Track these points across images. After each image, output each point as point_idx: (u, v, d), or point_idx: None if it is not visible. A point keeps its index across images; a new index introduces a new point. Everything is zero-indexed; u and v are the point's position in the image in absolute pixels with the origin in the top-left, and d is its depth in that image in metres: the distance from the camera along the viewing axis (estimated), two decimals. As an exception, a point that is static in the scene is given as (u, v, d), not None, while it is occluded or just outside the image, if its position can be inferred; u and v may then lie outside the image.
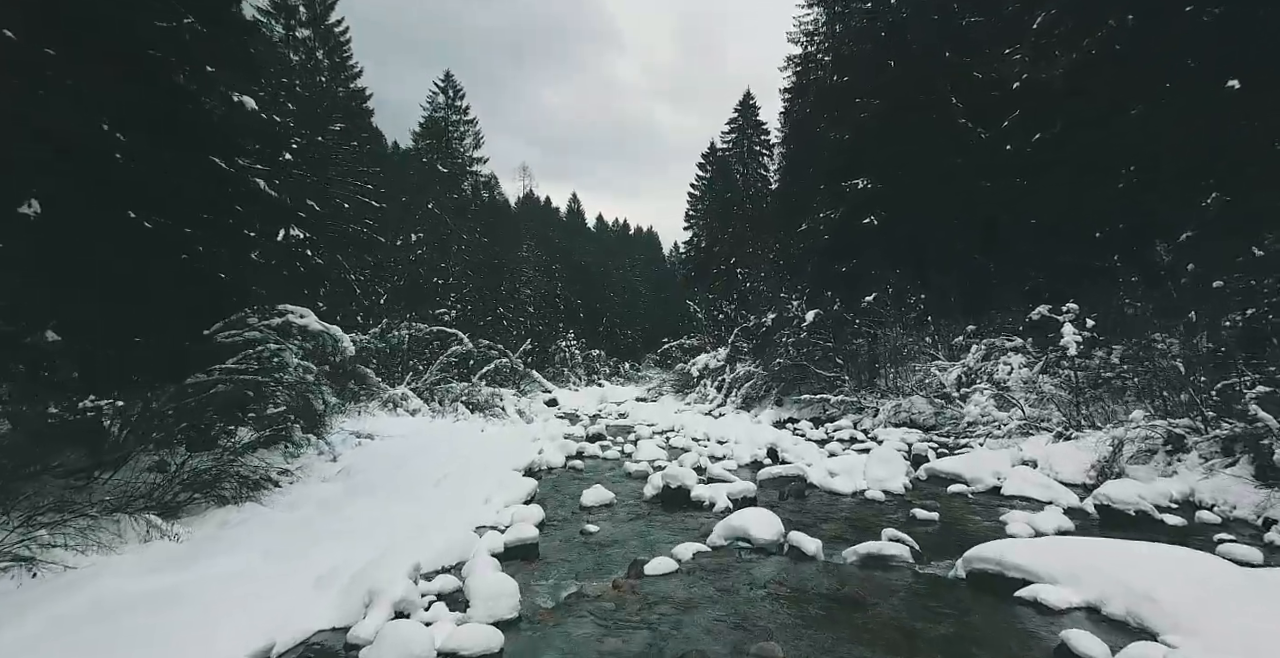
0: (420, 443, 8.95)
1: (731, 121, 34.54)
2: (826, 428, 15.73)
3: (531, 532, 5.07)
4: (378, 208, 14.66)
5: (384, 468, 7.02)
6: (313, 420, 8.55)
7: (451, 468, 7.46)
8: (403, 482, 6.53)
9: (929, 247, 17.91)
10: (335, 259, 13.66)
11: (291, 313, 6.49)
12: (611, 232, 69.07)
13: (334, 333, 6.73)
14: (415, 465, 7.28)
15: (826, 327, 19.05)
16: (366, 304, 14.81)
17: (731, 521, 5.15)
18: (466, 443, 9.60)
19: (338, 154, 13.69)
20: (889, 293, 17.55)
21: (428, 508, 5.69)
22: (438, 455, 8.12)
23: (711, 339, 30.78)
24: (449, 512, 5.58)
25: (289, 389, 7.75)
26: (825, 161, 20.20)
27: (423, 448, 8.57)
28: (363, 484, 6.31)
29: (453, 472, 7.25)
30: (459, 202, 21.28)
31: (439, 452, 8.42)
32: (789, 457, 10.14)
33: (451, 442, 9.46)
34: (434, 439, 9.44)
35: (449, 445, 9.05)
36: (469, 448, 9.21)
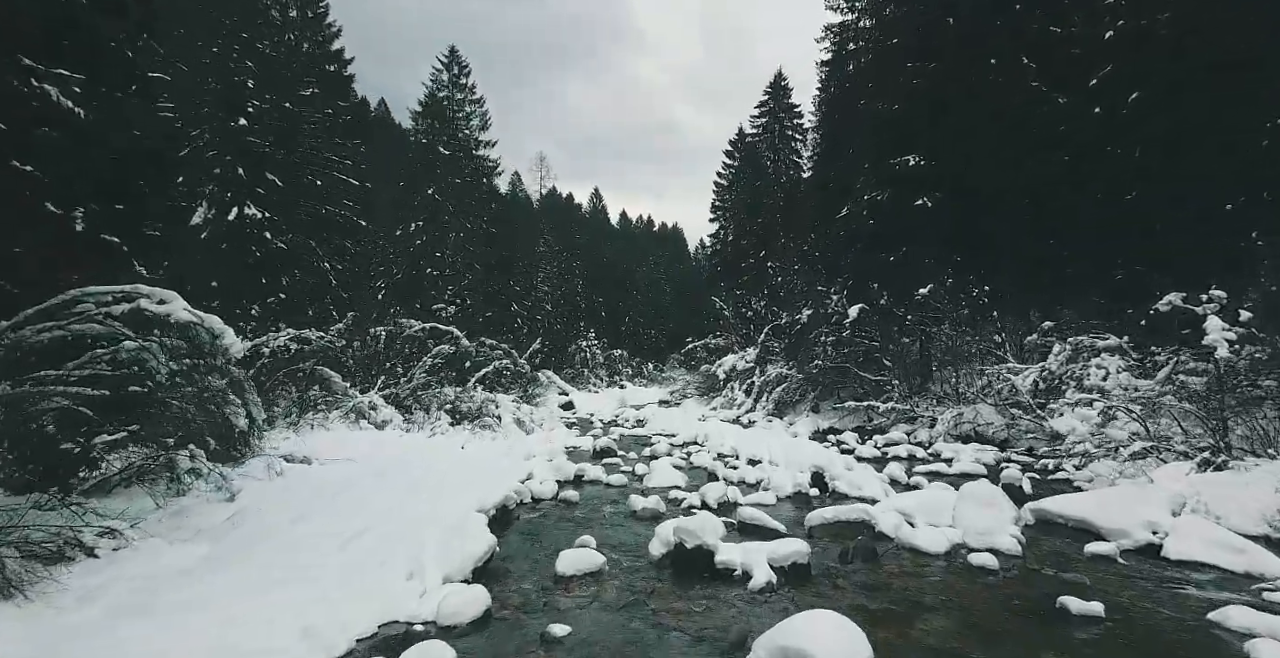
0: (371, 469, 7.01)
1: (761, 105, 32.22)
2: (875, 441, 13.46)
3: (448, 654, 3.05)
4: (357, 186, 12.88)
5: (293, 513, 5.07)
6: (230, 441, 6.68)
7: (393, 508, 5.48)
8: (304, 538, 4.57)
9: (992, 231, 15.50)
10: (308, 244, 11.86)
11: (145, 297, 4.59)
12: (635, 228, 67.15)
13: (211, 325, 4.82)
14: (339, 507, 5.32)
15: (872, 323, 16.75)
16: (347, 297, 13.03)
17: (784, 639, 3.05)
18: (434, 467, 7.64)
19: (309, 123, 11.93)
20: (946, 285, 15.20)
21: (314, 591, 3.71)
22: (384, 489, 6.16)
23: (739, 338, 28.55)
24: (344, 604, 3.59)
25: (189, 402, 5.88)
26: (870, 137, 17.89)
27: (370, 477, 6.62)
28: (240, 544, 4.37)
29: (392, 514, 5.27)
30: (461, 187, 19.49)
31: (389, 483, 6.46)
32: (841, 486, 7.97)
33: (414, 466, 7.50)
34: (393, 462, 7.49)
35: (409, 472, 7.09)
36: (435, 474, 7.24)
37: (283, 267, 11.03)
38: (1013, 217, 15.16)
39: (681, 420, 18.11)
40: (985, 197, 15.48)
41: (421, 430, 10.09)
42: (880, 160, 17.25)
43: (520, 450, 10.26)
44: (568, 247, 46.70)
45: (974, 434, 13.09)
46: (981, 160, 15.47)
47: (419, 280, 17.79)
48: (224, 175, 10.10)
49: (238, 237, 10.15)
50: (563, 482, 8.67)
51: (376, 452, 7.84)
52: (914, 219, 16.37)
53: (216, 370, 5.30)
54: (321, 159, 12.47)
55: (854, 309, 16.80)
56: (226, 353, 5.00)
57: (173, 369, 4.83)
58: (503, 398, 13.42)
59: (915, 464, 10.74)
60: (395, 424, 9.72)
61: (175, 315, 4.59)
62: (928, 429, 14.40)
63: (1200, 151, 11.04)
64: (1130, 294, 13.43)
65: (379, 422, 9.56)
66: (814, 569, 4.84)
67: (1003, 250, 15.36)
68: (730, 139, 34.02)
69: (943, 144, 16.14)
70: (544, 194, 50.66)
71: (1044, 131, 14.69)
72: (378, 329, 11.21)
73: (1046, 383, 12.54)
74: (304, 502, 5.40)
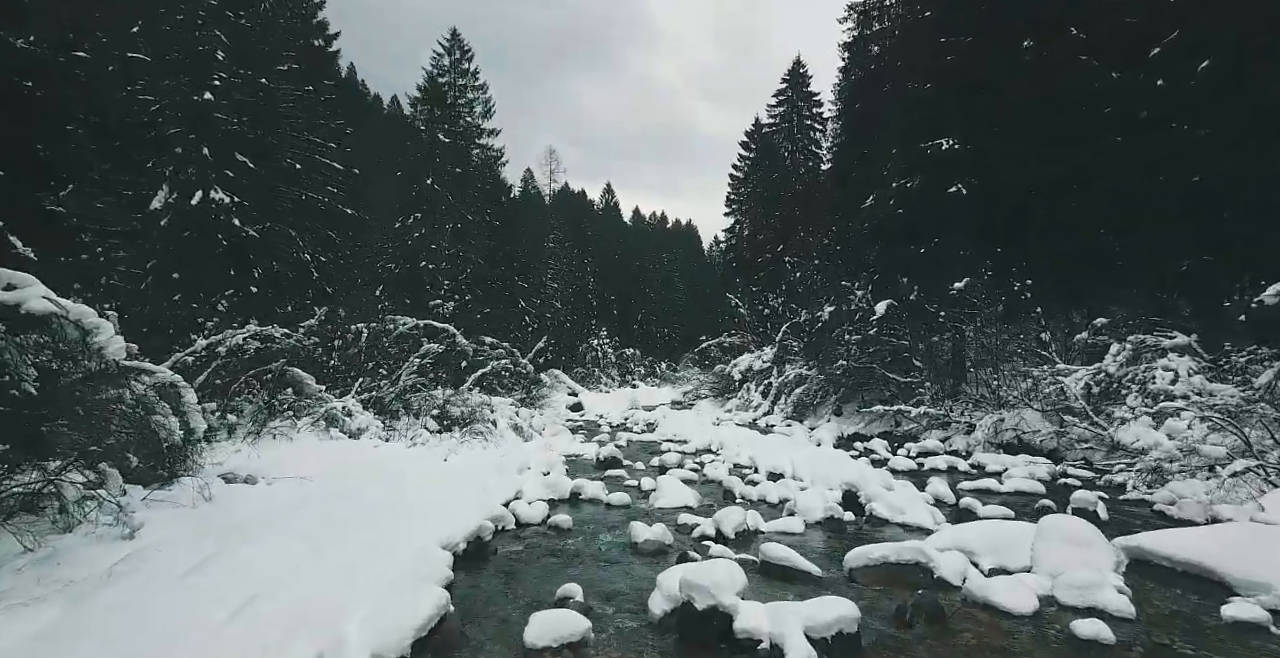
0: (327, 489, 5.95)
1: (779, 93, 30.90)
2: (908, 450, 12.23)
3: None
4: (342, 170, 11.88)
5: (197, 557, 4.01)
6: (159, 458, 5.65)
7: (332, 545, 4.41)
8: (192, 600, 3.48)
9: (1034, 220, 14.17)
10: (287, 233, 10.87)
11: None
12: (648, 225, 65.97)
13: (80, 319, 3.77)
14: (262, 547, 4.26)
15: (901, 321, 15.48)
16: (331, 291, 12.04)
17: None
18: (406, 485, 6.56)
19: (288, 102, 10.93)
20: (984, 278, 13.90)
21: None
22: (331, 517, 5.09)
23: (755, 337, 27.32)
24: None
25: (94, 411, 4.85)
26: (897, 120, 16.60)
27: (319, 501, 5.56)
28: (103, 610, 3.30)
29: (326, 556, 4.20)
30: (462, 177, 18.44)
31: (341, 508, 5.39)
32: (880, 509, 6.79)
33: (381, 484, 6.43)
34: (356, 480, 6.44)
35: (372, 492, 6.02)
36: (404, 494, 6.16)
37: (256, 257, 10.03)
38: (1057, 203, 13.82)
39: (694, 424, 16.96)
40: (1026, 182, 14.16)
41: (403, 439, 9.03)
42: (909, 145, 15.97)
43: (513, 461, 9.18)
44: (579, 243, 45.66)
45: (1017, 442, 11.84)
46: (1022, 142, 14.15)
47: (417, 275, 16.79)
48: (186, 155, 9.11)
49: (202, 223, 9.15)
50: (556, 501, 7.57)
51: (341, 467, 6.78)
52: (947, 207, 15.07)
53: (107, 376, 4.22)
54: (303, 141, 11.49)
55: (881, 305, 15.56)
56: (104, 353, 3.95)
57: (20, 371, 3.77)
58: (499, 402, 12.36)
59: (957, 478, 9.52)
60: (373, 432, 8.68)
61: (29, 305, 3.54)
62: (964, 436, 13.13)
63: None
64: (1196, 287, 12.09)
65: (354, 430, 8.52)
66: (864, 636, 3.69)
67: (1045, 241, 14.02)
68: (746, 130, 32.77)
69: (979, 126, 14.84)
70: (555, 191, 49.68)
71: (1094, 110, 13.34)
72: (359, 326, 10.19)
73: (1101, 386, 11.25)
74: (221, 538, 4.34)
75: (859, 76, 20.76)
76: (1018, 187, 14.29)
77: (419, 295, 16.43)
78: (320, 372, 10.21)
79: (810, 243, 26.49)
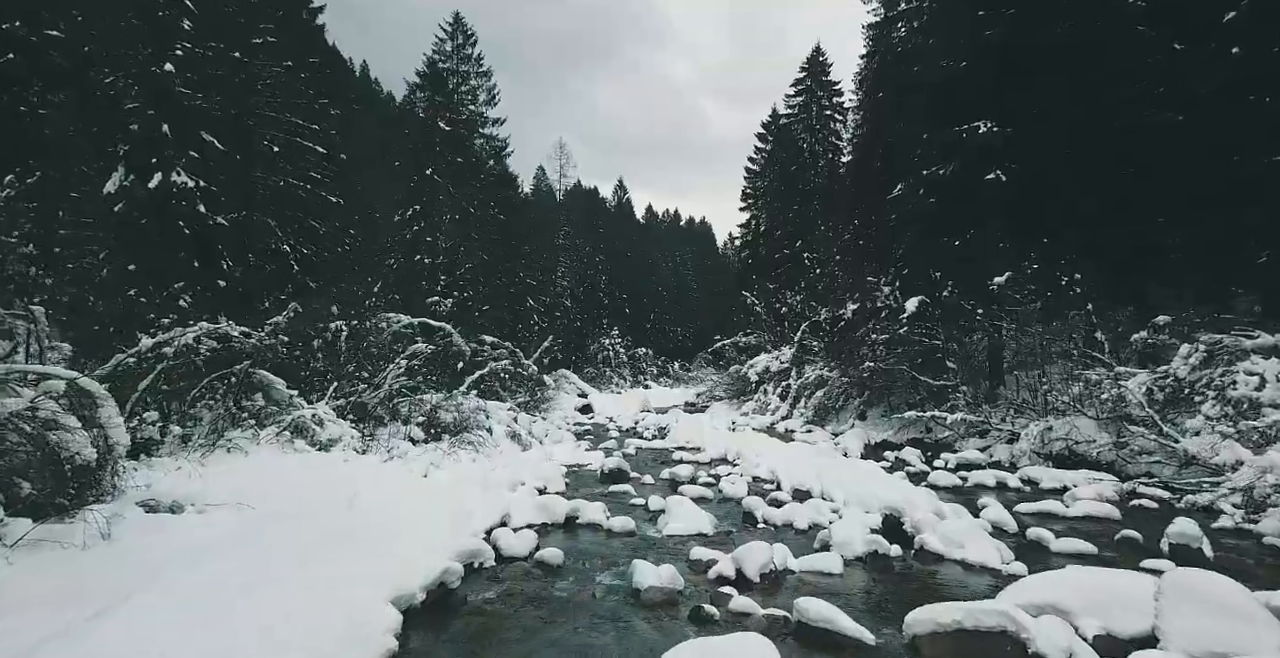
0: (267, 518, 4.95)
1: (797, 82, 29.63)
2: (946, 461, 11.08)
3: None
4: (326, 155, 10.94)
5: (41, 633, 3.00)
6: (62, 482, 4.70)
7: (235, 603, 3.40)
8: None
9: (1082, 209, 12.92)
10: (265, 223, 9.94)
11: None
12: (661, 223, 64.93)
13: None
14: (145, 612, 3.25)
15: (934, 319, 14.28)
16: (315, 286, 11.10)
17: None
18: (370, 510, 5.56)
19: (266, 80, 9.99)
20: (1027, 273, 12.68)
21: None
22: (258, 560, 4.09)
23: (772, 337, 26.16)
24: None
25: None
26: (929, 103, 15.38)
27: (253, 535, 4.56)
28: None
29: (224, 620, 3.19)
30: (463, 167, 17.45)
31: (279, 545, 4.40)
32: (933, 541, 5.68)
33: (341, 508, 5.44)
34: (311, 504, 5.44)
35: (324, 521, 5.02)
36: (364, 523, 5.16)
37: (226, 248, 9.10)
38: (1107, 190, 12.56)
39: (709, 430, 15.87)
40: (1074, 167, 12.91)
41: (380, 452, 8.04)
42: (942, 129, 14.74)
43: (505, 476, 8.16)
44: (590, 240, 44.72)
45: (1068, 454, 10.62)
46: (1070, 123, 12.90)
47: (415, 271, 15.85)
48: (143, 133, 8.19)
49: (161, 209, 8.21)
50: (549, 526, 6.53)
51: (295, 487, 5.79)
52: (984, 196, 13.85)
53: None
54: (284, 123, 10.56)
55: (912, 302, 14.38)
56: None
57: None
58: (495, 406, 11.36)
59: (1009, 497, 8.37)
60: (347, 443, 7.69)
61: None
62: (1005, 445, 11.95)
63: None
64: (1273, 281, 10.81)
65: (324, 441, 7.53)
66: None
67: (1094, 231, 12.77)
68: (763, 121, 31.56)
69: (1020, 106, 13.60)
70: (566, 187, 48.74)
71: (1152, 85, 12.08)
72: (337, 323, 9.23)
73: (1166, 392, 10.02)
74: (91, 601, 3.33)
75: (885, 59, 19.52)
76: (1063, 172, 13.04)
77: (416, 292, 15.50)
78: (296, 375, 9.26)
79: (831, 238, 25.30)
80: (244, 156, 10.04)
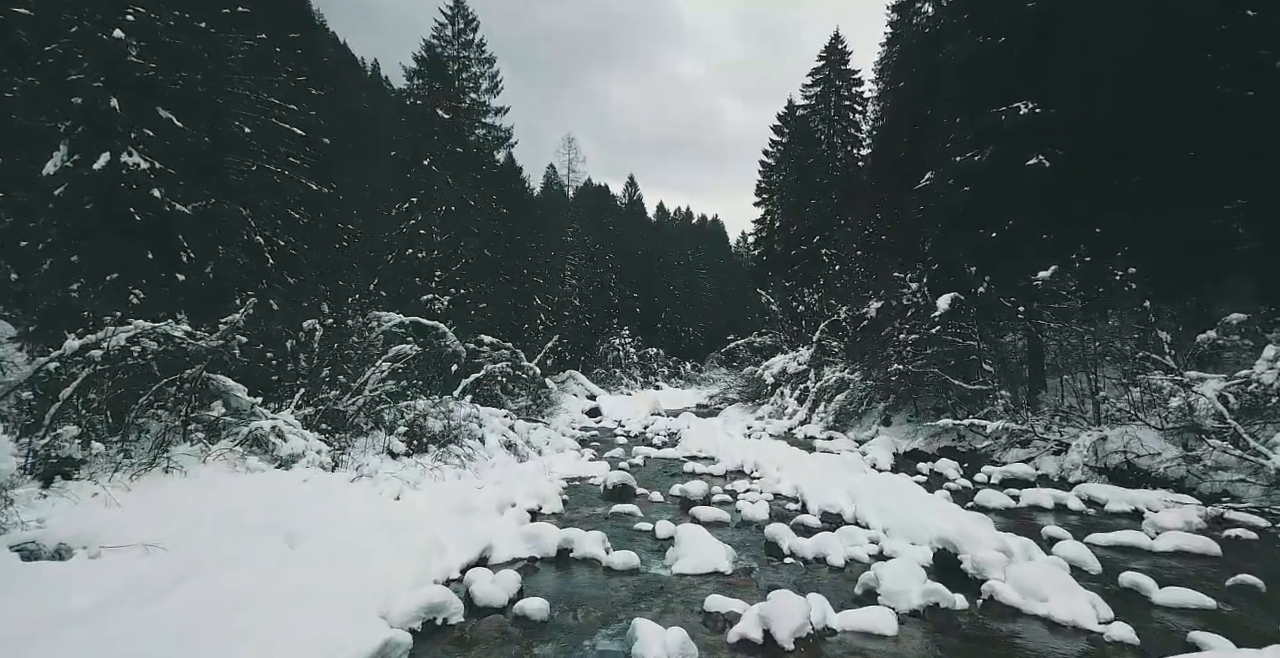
0: (177, 567, 3.97)
1: (815, 72, 28.41)
2: (989, 475, 9.95)
3: None
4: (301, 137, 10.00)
5: None
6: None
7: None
8: None
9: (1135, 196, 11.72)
10: (237, 212, 9.02)
11: None
12: (673, 221, 63.75)
13: None
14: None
15: (968, 317, 13.12)
16: (294, 282, 10.16)
17: None
18: (314, 549, 4.58)
19: (238, 54, 9.07)
20: (1075, 267, 11.50)
21: None
22: (138, 635, 3.10)
23: (788, 336, 25.04)
24: None
25: None
26: (963, 84, 14.20)
27: (146, 594, 3.59)
28: None
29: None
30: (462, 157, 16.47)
31: (174, 612, 3.43)
32: (1006, 592, 4.60)
33: (277, 548, 4.46)
34: (242, 542, 4.47)
35: (247, 568, 4.05)
36: (303, 569, 4.19)
37: (187, 239, 8.18)
38: (1164, 176, 11.35)
39: (723, 436, 14.83)
40: (1126, 151, 11.72)
41: (350, 468, 7.07)
42: (977, 112, 13.58)
43: (493, 496, 7.17)
44: (600, 238, 43.73)
45: (1127, 468, 9.46)
46: (1122, 102, 11.71)
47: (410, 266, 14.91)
48: (89, 107, 7.28)
49: (109, 193, 7.30)
50: (538, 562, 5.53)
51: (229, 519, 4.82)
52: (1025, 184, 12.67)
53: None
54: (260, 102, 9.64)
55: (944, 299, 13.22)
56: None
57: None
58: (490, 413, 10.38)
59: (1069, 520, 7.28)
60: (312, 458, 6.73)
61: None
62: (1053, 457, 10.80)
63: None
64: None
65: (285, 457, 6.57)
66: None
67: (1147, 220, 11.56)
68: (779, 112, 30.32)
69: (1064, 85, 12.41)
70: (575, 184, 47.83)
71: (1218, 59, 10.87)
72: (309, 323, 8.28)
73: (1245, 400, 8.85)
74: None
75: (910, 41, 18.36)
76: (1115, 156, 11.86)
77: (411, 289, 14.56)
78: (265, 380, 8.33)
79: (850, 233, 24.14)
80: (213, 138, 9.12)
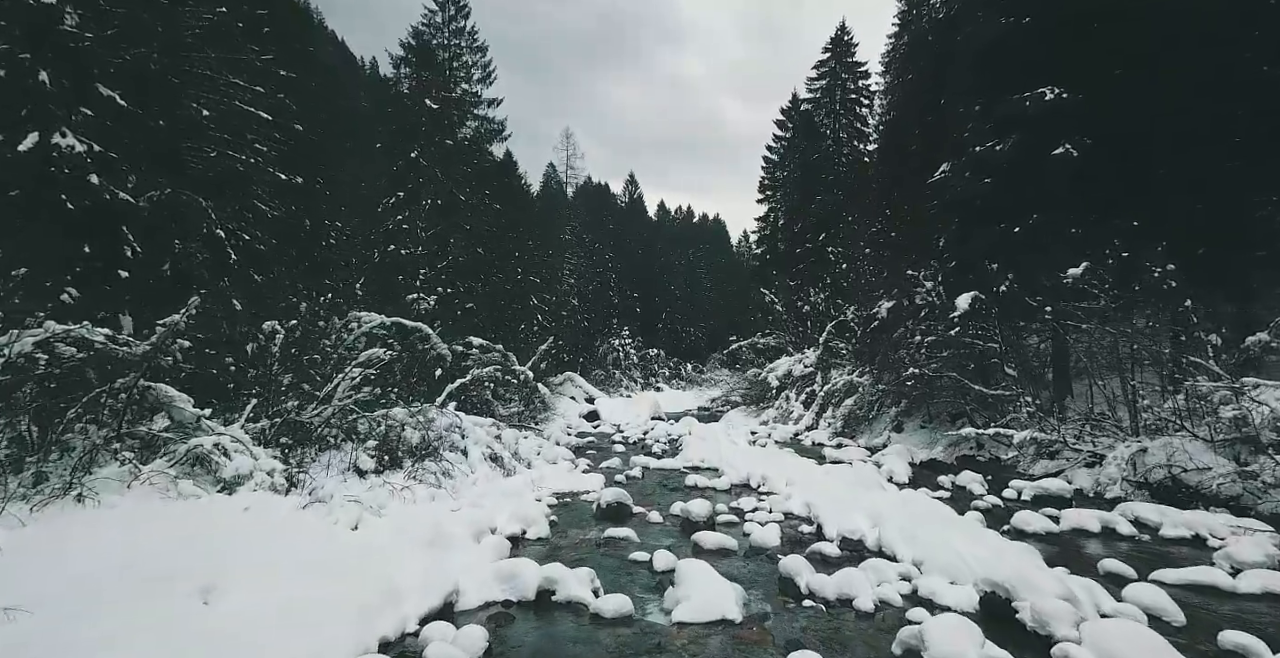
0: (36, 634, 3.11)
1: (819, 64, 27.54)
2: (1018, 490, 9.09)
3: None
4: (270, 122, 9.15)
5: None
6: None
7: None
8: None
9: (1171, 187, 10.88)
10: (196, 203, 8.18)
11: None
12: (674, 219, 62.89)
13: None
14: None
15: (990, 317, 12.26)
16: (261, 280, 9.33)
17: None
18: (226, 615, 3.74)
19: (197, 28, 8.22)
20: (1108, 263, 10.65)
21: None
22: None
23: (794, 337, 24.18)
24: None
25: None
26: (983, 69, 13.36)
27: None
28: None
29: None
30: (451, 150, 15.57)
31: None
32: (1077, 654, 3.74)
33: (185, 608, 3.62)
34: (145, 597, 3.63)
35: (148, 636, 3.18)
36: (205, 641, 3.32)
37: (134, 231, 7.35)
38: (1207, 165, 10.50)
39: (726, 444, 14.01)
40: (1165, 137, 10.87)
41: (306, 489, 6.22)
42: (998, 98, 12.72)
43: (470, 520, 6.33)
44: (600, 237, 42.89)
45: (1172, 483, 8.60)
46: (1154, 89, 10.86)
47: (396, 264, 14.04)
48: (14, 80, 6.45)
49: (38, 179, 6.47)
50: (514, 607, 4.69)
51: (137, 564, 3.98)
52: (1051, 175, 11.82)
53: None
54: (223, 83, 8.80)
55: (964, 299, 12.37)
56: None
57: None
58: (475, 422, 9.53)
59: (1120, 547, 6.44)
60: (262, 480, 5.89)
61: None
62: (1085, 470, 9.95)
63: None
64: None
65: (228, 479, 5.73)
66: None
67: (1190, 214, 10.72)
68: (783, 107, 29.44)
69: (1095, 67, 11.56)
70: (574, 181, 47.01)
71: (1267, 35, 10.02)
72: (269, 324, 7.43)
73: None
74: None
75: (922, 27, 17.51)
76: (1150, 142, 11.02)
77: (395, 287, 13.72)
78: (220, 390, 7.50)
79: (858, 230, 23.30)
80: (168, 122, 8.29)
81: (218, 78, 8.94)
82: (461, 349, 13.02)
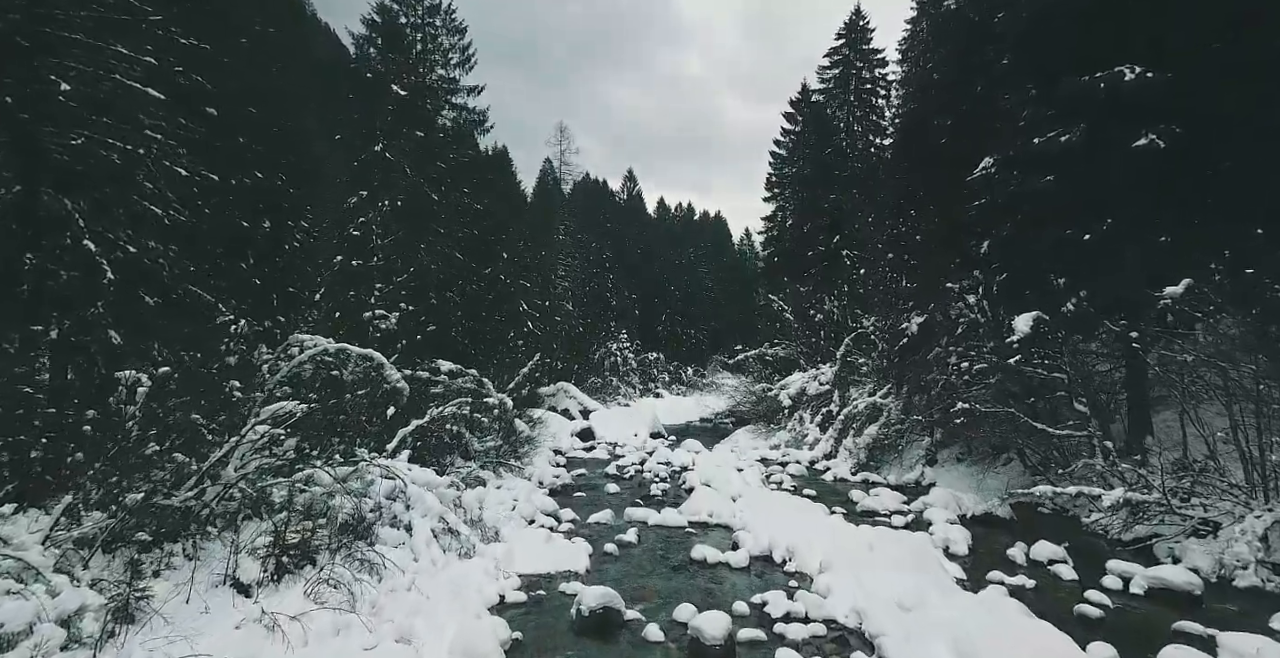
0: None
1: (832, 52, 25.44)
2: (1124, 579, 7.08)
3: None
4: (162, 100, 7.12)
5: None
6: None
7: None
8: None
9: None
10: (60, 203, 6.16)
11: None
12: (674, 217, 60.81)
13: None
14: None
15: (1055, 341, 10.26)
16: (156, 303, 7.32)
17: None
18: None
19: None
20: (1215, 279, 8.65)
21: None
22: None
23: (806, 349, 22.18)
24: None
25: None
26: (1040, 44, 11.31)
27: None
28: None
29: None
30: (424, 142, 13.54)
31: None
32: None
33: None
34: None
35: None
36: None
37: None
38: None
39: (738, 484, 12.04)
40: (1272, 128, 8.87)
41: (139, 631, 4.22)
42: (1063, 80, 10.69)
43: (391, 639, 4.34)
44: (597, 236, 40.84)
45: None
46: (1260, 66, 8.86)
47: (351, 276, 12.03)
48: None
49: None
50: None
51: None
52: (1131, 170, 9.82)
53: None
54: (94, 50, 6.78)
55: (1024, 320, 10.34)
56: None
57: None
58: (426, 484, 7.51)
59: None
60: (50, 636, 3.89)
61: None
62: (1197, 542, 7.93)
63: None
64: None
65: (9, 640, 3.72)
66: None
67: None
68: (791, 98, 27.27)
69: (1186, 41, 9.56)
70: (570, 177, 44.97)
71: None
72: (128, 374, 5.43)
73: None
74: None
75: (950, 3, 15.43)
76: (1259, 133, 9.02)
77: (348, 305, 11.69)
78: (57, 460, 5.51)
79: (875, 232, 21.30)
80: (16, 100, 6.28)
81: (96, 44, 6.90)
82: (428, 376, 11.02)
